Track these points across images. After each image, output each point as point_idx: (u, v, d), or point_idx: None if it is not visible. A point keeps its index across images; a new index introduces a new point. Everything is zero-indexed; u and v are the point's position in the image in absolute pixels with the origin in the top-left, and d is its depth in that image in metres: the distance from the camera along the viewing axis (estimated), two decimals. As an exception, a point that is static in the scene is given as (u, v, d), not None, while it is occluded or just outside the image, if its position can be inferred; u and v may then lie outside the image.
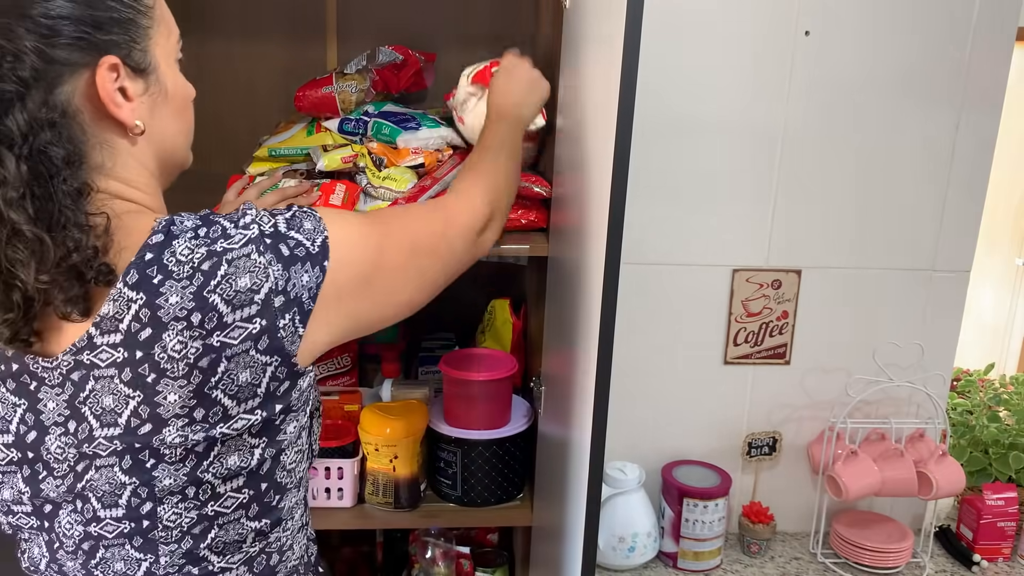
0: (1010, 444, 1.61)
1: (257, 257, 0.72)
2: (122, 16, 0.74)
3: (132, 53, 0.75)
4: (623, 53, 0.85)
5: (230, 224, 0.73)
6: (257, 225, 0.74)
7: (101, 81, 0.72)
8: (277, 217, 0.76)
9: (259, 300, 0.71)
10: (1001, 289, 3.51)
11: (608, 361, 0.94)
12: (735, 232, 1.50)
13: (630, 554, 1.48)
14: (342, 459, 1.41)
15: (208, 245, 0.71)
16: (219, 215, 0.75)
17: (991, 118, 1.47)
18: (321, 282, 0.75)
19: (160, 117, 0.79)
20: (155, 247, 0.71)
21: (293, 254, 0.74)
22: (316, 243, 0.76)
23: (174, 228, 0.72)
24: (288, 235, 0.75)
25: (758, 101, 1.45)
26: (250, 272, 0.71)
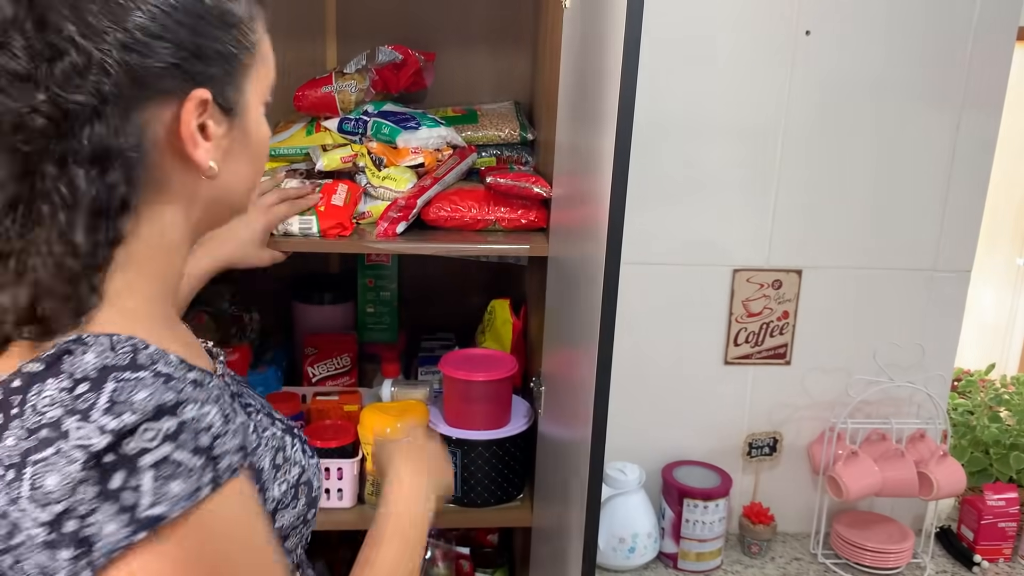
0: (1011, 444, 1.61)
1: (77, 468, 0.55)
2: (226, 50, 0.67)
3: (225, 90, 0.68)
4: (623, 53, 0.85)
5: (104, 403, 0.57)
6: (115, 436, 0.56)
7: (187, 116, 0.65)
8: (164, 446, 0.57)
9: (53, 512, 0.56)
10: (1002, 289, 3.51)
11: (608, 361, 0.94)
12: (735, 232, 1.50)
13: (630, 555, 1.47)
14: (342, 459, 1.41)
15: (64, 410, 0.57)
16: (122, 375, 0.58)
17: (992, 118, 1.47)
18: (121, 547, 0.56)
19: (233, 162, 0.71)
20: (26, 376, 0.59)
21: (119, 493, 0.56)
22: (152, 510, 0.57)
23: (64, 362, 0.58)
24: (139, 472, 0.57)
25: (758, 101, 1.44)
26: (61, 476, 0.56)
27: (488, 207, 1.38)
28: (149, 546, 0.57)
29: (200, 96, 0.65)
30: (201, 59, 0.65)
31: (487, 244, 1.36)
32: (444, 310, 1.84)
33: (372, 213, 1.40)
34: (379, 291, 1.74)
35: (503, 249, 1.38)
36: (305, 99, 1.49)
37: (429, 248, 1.35)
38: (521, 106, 1.68)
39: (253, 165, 0.75)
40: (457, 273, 1.79)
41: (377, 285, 1.73)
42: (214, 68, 0.67)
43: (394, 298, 1.74)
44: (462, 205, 1.38)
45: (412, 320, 1.80)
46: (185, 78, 0.64)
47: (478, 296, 1.81)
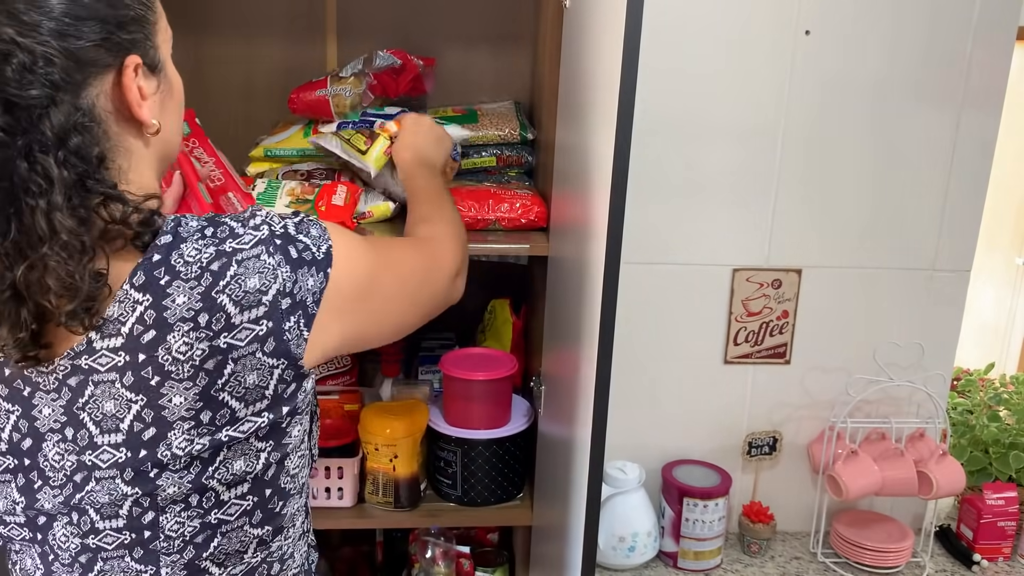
0: (1010, 444, 1.61)
1: (267, 258, 0.72)
2: (137, 14, 0.73)
3: (148, 51, 0.74)
4: (623, 53, 0.85)
5: (238, 224, 0.73)
6: (268, 226, 0.74)
7: (128, 82, 0.71)
8: (286, 220, 0.76)
9: (267, 302, 0.71)
10: (1002, 288, 3.51)
11: (608, 361, 0.94)
12: (735, 232, 1.50)
13: (630, 554, 1.48)
14: (342, 459, 1.41)
15: (217, 245, 0.70)
16: (225, 216, 0.74)
17: (992, 117, 1.47)
18: (324, 288, 0.75)
19: (167, 114, 0.78)
20: (163, 248, 0.70)
21: (301, 257, 0.74)
22: (322, 250, 0.76)
23: (181, 229, 0.71)
24: (297, 238, 0.75)
25: (758, 100, 1.44)
26: (260, 273, 0.71)
27: (488, 207, 1.38)
28: (334, 275, 0.76)
29: (134, 62, 0.72)
30: (123, 28, 0.71)
31: (487, 244, 1.37)
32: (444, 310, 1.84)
33: (372, 213, 1.40)
34: (379, 290, 1.73)
35: (503, 249, 1.38)
36: (299, 102, 1.48)
37: (429, 248, 1.35)
38: (521, 106, 1.68)
39: (179, 111, 0.83)
40: (457, 273, 1.79)
41: (377, 284, 1.73)
42: (135, 33, 0.73)
43: (394, 297, 1.74)
44: (462, 205, 1.38)
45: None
46: (116, 49, 0.71)
47: (478, 296, 1.81)
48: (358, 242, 0.83)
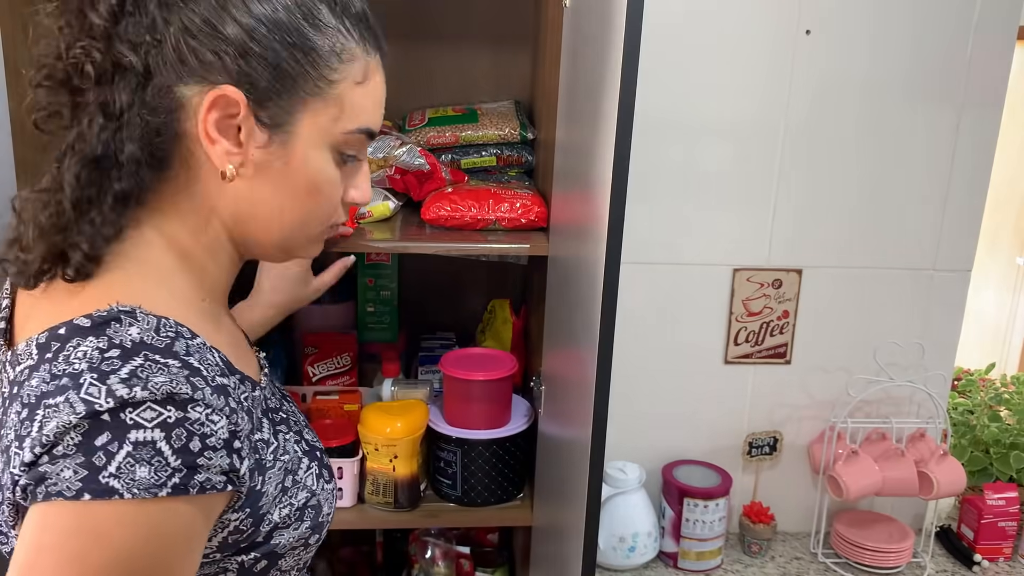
0: (1011, 444, 1.61)
1: (71, 416, 0.58)
2: (281, 66, 0.67)
3: (269, 103, 0.68)
4: (623, 53, 0.85)
5: (125, 373, 0.59)
6: (118, 402, 0.58)
7: (207, 102, 0.66)
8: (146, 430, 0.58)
9: (35, 453, 0.58)
10: (1002, 288, 3.51)
11: (608, 361, 0.94)
12: (735, 232, 1.50)
13: (630, 554, 1.48)
14: (342, 459, 1.41)
15: (89, 368, 0.60)
16: (152, 355, 0.61)
17: (992, 117, 1.47)
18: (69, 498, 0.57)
19: (265, 181, 0.70)
20: (73, 328, 0.62)
21: (93, 452, 0.57)
22: (108, 482, 0.57)
23: (109, 329, 0.61)
24: (119, 442, 0.58)
25: (758, 100, 1.44)
26: (56, 422, 0.58)
27: (488, 206, 1.38)
28: (84, 509, 0.57)
29: (228, 92, 0.66)
30: (245, 60, 0.66)
31: (487, 244, 1.36)
32: (444, 310, 1.84)
33: (373, 213, 1.40)
34: (379, 290, 1.74)
35: (503, 249, 1.38)
36: None
37: (429, 248, 1.35)
38: (521, 105, 1.68)
39: (294, 196, 0.72)
40: (457, 273, 1.79)
41: (377, 284, 1.73)
42: (261, 77, 0.67)
43: (394, 297, 1.74)
44: (462, 205, 1.38)
45: (412, 320, 1.80)
46: (224, 73, 0.66)
47: (478, 296, 1.81)
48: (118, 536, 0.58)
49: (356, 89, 0.72)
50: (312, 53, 0.69)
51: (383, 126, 1.54)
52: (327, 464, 0.85)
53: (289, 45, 0.68)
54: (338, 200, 0.76)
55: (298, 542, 0.77)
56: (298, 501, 0.76)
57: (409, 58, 1.71)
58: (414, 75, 1.72)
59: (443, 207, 1.38)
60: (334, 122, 0.71)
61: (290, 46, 0.68)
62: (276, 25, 0.67)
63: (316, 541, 0.80)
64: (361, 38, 0.73)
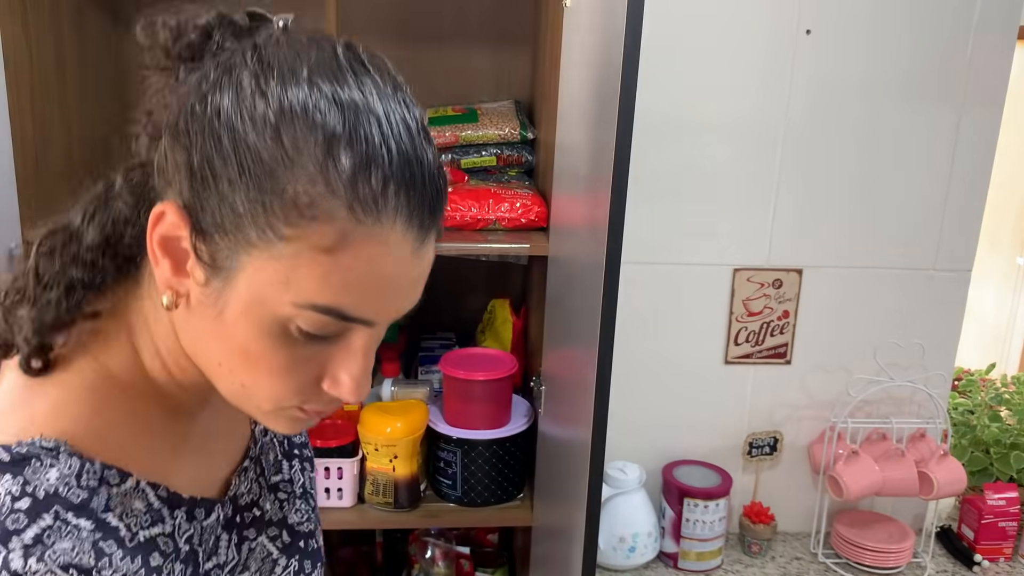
0: (1011, 444, 1.61)
1: None
2: (231, 199, 0.53)
3: (214, 237, 0.55)
4: (623, 53, 0.85)
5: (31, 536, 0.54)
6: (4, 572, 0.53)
7: (152, 218, 0.56)
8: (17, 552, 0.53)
9: None
10: (1002, 288, 3.51)
11: (608, 361, 0.94)
12: (736, 232, 1.50)
13: (631, 554, 1.48)
14: (342, 459, 1.41)
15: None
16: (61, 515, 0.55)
17: (992, 117, 1.47)
18: None
19: (199, 324, 0.59)
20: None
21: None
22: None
23: (27, 470, 0.56)
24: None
25: (758, 100, 1.44)
26: None
27: (488, 206, 1.38)
28: None
29: (168, 210, 0.56)
30: (191, 180, 0.55)
31: (487, 244, 1.37)
32: (444, 310, 1.84)
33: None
34: (379, 291, 1.73)
35: (503, 249, 1.38)
36: None
37: (429, 248, 1.35)
38: (521, 105, 1.68)
39: (225, 356, 0.59)
40: (457, 273, 1.79)
41: (377, 285, 1.73)
42: (208, 203, 0.54)
43: (394, 298, 1.74)
44: (462, 205, 1.38)
45: (412, 320, 1.79)
46: (171, 189, 0.56)
47: (478, 296, 1.81)
48: None
49: (319, 257, 0.54)
50: (269, 197, 0.53)
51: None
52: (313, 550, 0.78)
53: (249, 177, 0.53)
54: (305, 383, 0.60)
55: None
56: None
57: (409, 58, 1.71)
58: (414, 75, 1.71)
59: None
60: (279, 287, 0.55)
61: (251, 178, 0.53)
62: (244, 143, 0.53)
63: None
64: (356, 197, 0.53)
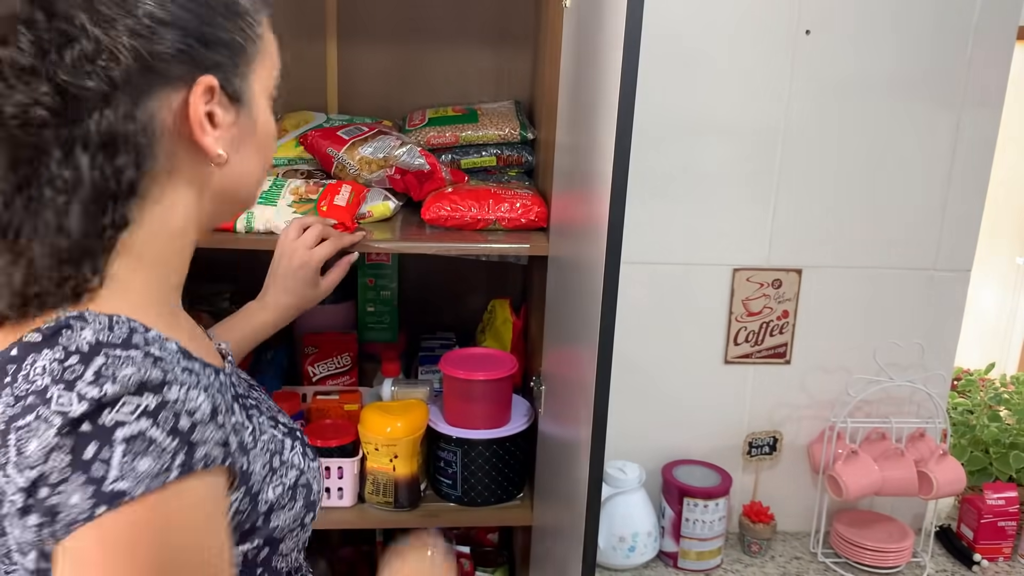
0: (1011, 443, 1.61)
1: (52, 434, 0.57)
2: (231, 39, 0.69)
3: (232, 79, 0.69)
4: (623, 53, 0.85)
5: (90, 376, 0.58)
6: (94, 405, 0.57)
7: (195, 101, 0.66)
8: (139, 422, 0.58)
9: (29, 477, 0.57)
10: (1002, 288, 3.51)
11: (608, 361, 0.94)
12: (735, 232, 1.50)
13: (630, 554, 1.48)
14: (342, 459, 1.41)
15: (52, 380, 0.58)
16: (113, 354, 0.59)
17: (992, 117, 1.47)
18: (80, 522, 0.56)
19: (242, 151, 0.73)
20: (24, 346, 0.60)
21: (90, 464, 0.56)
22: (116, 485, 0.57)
23: (61, 337, 0.60)
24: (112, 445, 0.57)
25: (758, 101, 1.44)
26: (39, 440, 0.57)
27: (488, 206, 1.39)
28: (106, 522, 0.56)
29: (207, 82, 0.66)
30: (207, 46, 0.67)
31: (487, 244, 1.37)
32: (444, 310, 1.85)
33: (373, 213, 1.40)
34: (379, 290, 1.74)
35: (503, 249, 1.38)
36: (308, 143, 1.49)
37: (429, 248, 1.36)
38: (521, 105, 1.68)
39: (260, 155, 0.76)
40: (457, 273, 1.79)
41: (377, 284, 1.74)
42: (220, 56, 0.68)
43: (394, 297, 1.74)
44: (462, 205, 1.38)
45: (412, 319, 1.80)
46: (193, 65, 0.66)
47: (478, 296, 1.81)
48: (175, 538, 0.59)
49: (268, 35, 0.75)
50: (245, 16, 0.71)
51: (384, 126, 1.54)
52: (308, 444, 0.85)
53: (228, 15, 0.69)
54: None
55: (295, 523, 0.77)
56: (289, 479, 0.76)
57: (409, 58, 1.71)
58: (414, 75, 1.72)
59: (443, 207, 1.38)
60: (270, 73, 0.75)
61: (230, 15, 0.69)
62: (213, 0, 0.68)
63: (311, 520, 0.81)
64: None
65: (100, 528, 0.56)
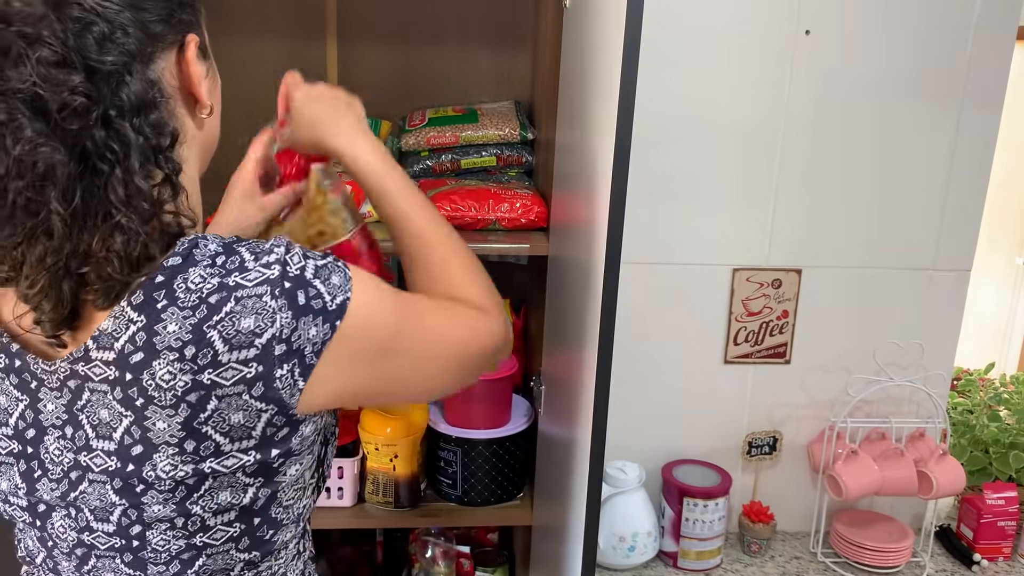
0: (1010, 443, 1.61)
1: (269, 300, 0.67)
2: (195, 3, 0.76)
3: (201, 35, 0.76)
4: (623, 53, 0.85)
5: (251, 257, 0.69)
6: (282, 265, 0.69)
7: (191, 56, 0.73)
8: (308, 261, 0.71)
9: (259, 344, 0.67)
10: (1002, 288, 3.51)
11: (608, 361, 0.94)
12: (735, 232, 1.50)
13: (630, 553, 1.48)
14: (342, 458, 1.41)
15: (222, 276, 0.68)
16: (245, 244, 0.71)
17: (992, 117, 1.47)
18: (328, 339, 0.70)
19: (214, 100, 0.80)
20: (168, 270, 0.68)
21: (308, 304, 0.69)
22: (336, 300, 0.70)
23: (196, 252, 0.69)
24: (311, 283, 0.70)
25: (758, 101, 1.44)
26: (257, 314, 0.67)
27: (488, 206, 1.39)
28: (346, 333, 0.71)
29: (195, 39, 0.74)
30: (181, 8, 0.73)
31: (487, 244, 1.37)
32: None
33: (373, 213, 1.40)
34: (379, 290, 1.74)
35: (503, 249, 1.38)
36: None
37: (429, 247, 1.35)
38: (521, 105, 1.68)
39: (218, 98, 0.83)
40: (457, 272, 1.79)
41: (377, 284, 1.73)
42: (190, 15, 0.75)
43: (394, 297, 1.74)
44: (462, 205, 1.38)
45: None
46: (179, 25, 0.73)
47: (478, 295, 1.81)
48: (387, 300, 0.76)
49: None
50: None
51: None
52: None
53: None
54: None
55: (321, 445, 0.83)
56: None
57: (409, 58, 1.71)
58: (414, 75, 1.72)
59: (443, 207, 1.38)
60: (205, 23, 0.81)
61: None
62: None
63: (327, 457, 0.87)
64: None
65: (343, 338, 0.71)
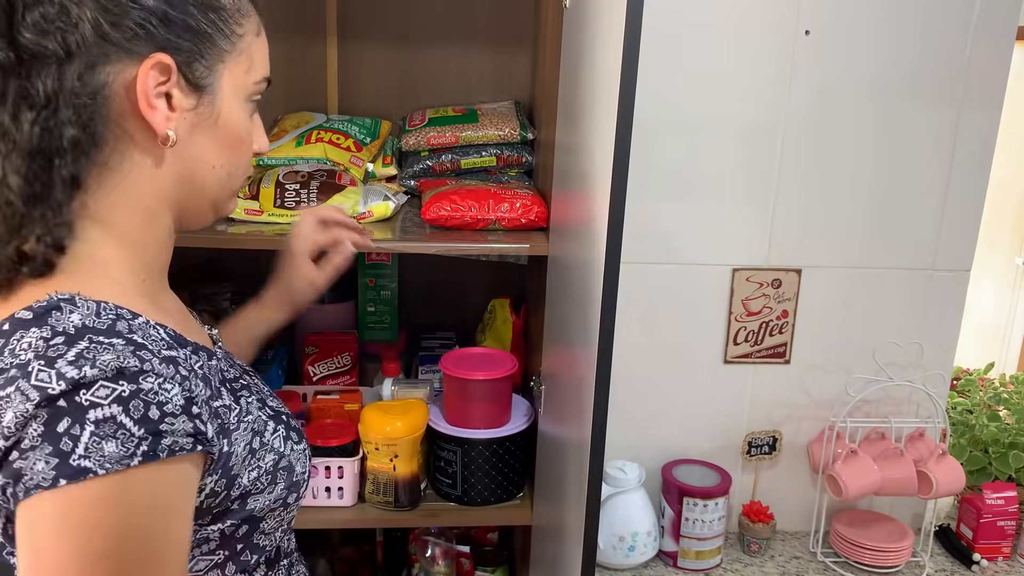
0: (1010, 443, 1.61)
1: (31, 408, 0.60)
2: (199, 27, 0.71)
3: (194, 65, 0.71)
4: (623, 53, 0.85)
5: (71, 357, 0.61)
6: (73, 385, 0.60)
7: (142, 74, 0.68)
8: (113, 407, 0.60)
9: (3, 447, 0.60)
10: (1001, 288, 3.51)
11: (608, 360, 0.94)
12: (735, 231, 1.50)
13: (630, 553, 1.48)
14: (342, 458, 1.41)
15: (31, 359, 0.61)
16: (103, 334, 0.63)
17: (991, 117, 1.47)
18: (44, 488, 0.59)
19: (199, 140, 0.74)
20: (15, 321, 0.64)
21: (60, 437, 0.59)
22: (82, 463, 0.59)
23: (50, 317, 0.63)
24: (83, 425, 0.60)
25: (758, 101, 1.44)
26: (15, 414, 0.60)
27: (488, 206, 1.39)
28: (66, 494, 0.59)
29: (160, 59, 0.68)
30: (169, 27, 0.69)
31: (487, 243, 1.37)
32: (444, 309, 1.85)
33: (373, 213, 1.41)
34: (379, 290, 1.74)
35: (503, 248, 1.39)
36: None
37: (429, 248, 1.36)
38: (521, 106, 1.68)
39: (223, 151, 0.76)
40: (457, 273, 1.79)
41: (377, 284, 1.74)
42: (183, 40, 0.70)
43: (394, 297, 1.74)
44: (462, 204, 1.38)
45: (412, 319, 1.80)
46: (148, 40, 0.68)
47: (478, 295, 1.81)
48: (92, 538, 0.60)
49: (256, 41, 0.78)
50: (221, 11, 0.73)
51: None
52: (295, 427, 0.86)
53: (200, 7, 0.71)
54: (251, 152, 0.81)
55: (276, 503, 0.79)
56: (266, 464, 0.77)
57: (409, 58, 1.71)
58: (414, 75, 1.72)
59: (443, 207, 1.38)
60: (246, 74, 0.76)
61: (202, 7, 0.72)
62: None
63: (295, 500, 0.83)
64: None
65: (60, 499, 0.59)
